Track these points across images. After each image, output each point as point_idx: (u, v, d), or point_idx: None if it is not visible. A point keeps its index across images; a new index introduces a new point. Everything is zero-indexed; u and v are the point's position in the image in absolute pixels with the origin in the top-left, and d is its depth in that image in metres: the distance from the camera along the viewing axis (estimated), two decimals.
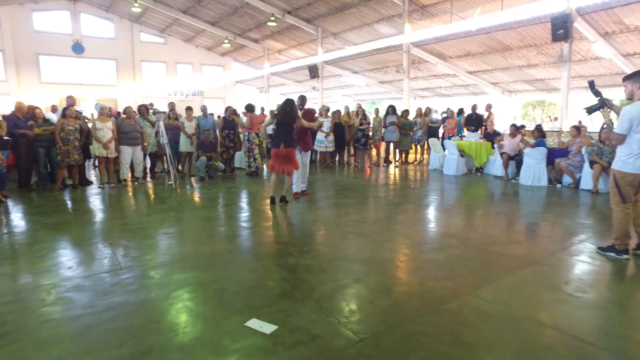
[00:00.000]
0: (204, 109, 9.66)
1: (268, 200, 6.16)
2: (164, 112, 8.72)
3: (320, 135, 10.53)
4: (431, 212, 5.86)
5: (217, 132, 9.71)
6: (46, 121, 7.61)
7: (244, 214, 5.72)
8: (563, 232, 4.68)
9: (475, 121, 11.17)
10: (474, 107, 11.29)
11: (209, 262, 3.65)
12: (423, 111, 11.66)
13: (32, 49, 21.26)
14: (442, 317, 2.62)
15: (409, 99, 15.34)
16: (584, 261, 3.66)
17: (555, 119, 15.15)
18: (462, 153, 9.59)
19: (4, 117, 7.28)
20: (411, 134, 11.43)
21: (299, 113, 6.50)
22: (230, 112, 9.43)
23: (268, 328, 2.46)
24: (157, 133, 8.45)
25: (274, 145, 5.97)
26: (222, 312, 2.70)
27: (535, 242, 4.34)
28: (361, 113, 10.76)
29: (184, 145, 9.19)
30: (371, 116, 11.68)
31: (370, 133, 11.06)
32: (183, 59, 25.43)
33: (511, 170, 8.59)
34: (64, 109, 7.65)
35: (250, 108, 9.36)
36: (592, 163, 7.00)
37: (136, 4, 18.40)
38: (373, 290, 3.07)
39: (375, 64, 19.19)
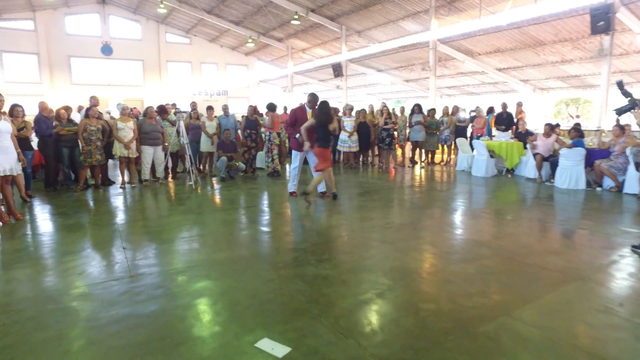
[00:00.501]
0: (225, 108, 9.56)
1: (287, 203, 6.02)
2: (184, 112, 8.66)
3: (343, 135, 10.27)
4: (460, 217, 5.51)
5: (239, 132, 9.61)
6: (70, 121, 7.66)
7: (263, 217, 5.53)
8: (608, 242, 4.25)
9: (505, 120, 10.66)
10: (504, 106, 10.78)
11: (223, 271, 3.46)
12: (450, 110, 11.22)
13: (64, 51, 21.88)
14: (476, 343, 2.32)
15: (435, 97, 14.87)
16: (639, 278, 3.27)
17: (578, 116, 14.28)
18: (491, 154, 9.13)
19: (35, 118, 7.34)
20: (438, 133, 11.02)
21: (309, 112, 6.50)
22: (252, 111, 9.26)
23: (280, 350, 2.23)
24: (178, 133, 8.39)
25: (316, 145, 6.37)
26: (232, 329, 2.49)
27: (577, 254, 3.94)
28: (386, 112, 10.43)
29: (205, 145, 9.11)
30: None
31: (396, 133, 10.72)
32: (208, 59, 25.63)
33: (545, 172, 8.09)
34: (87, 109, 7.68)
35: (271, 107, 9.19)
36: (637, 165, 6.46)
37: (162, 5, 18.61)
38: (398, 307, 2.79)
39: (400, 62, 18.74)
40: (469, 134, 11.32)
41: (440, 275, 3.35)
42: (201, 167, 9.58)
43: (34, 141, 7.50)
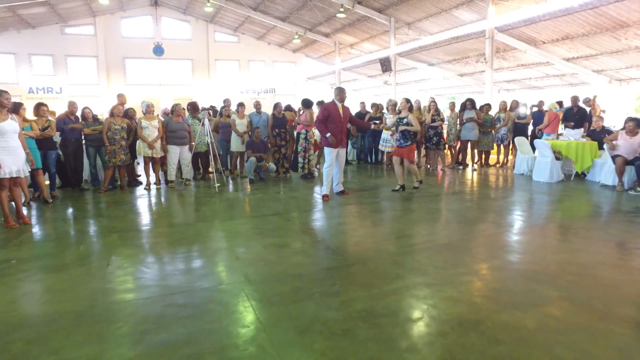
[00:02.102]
0: (257, 104, 9.01)
1: (314, 212, 5.30)
2: (208, 109, 8.20)
3: (385, 134, 9.35)
4: (516, 237, 4.45)
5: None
6: (96, 120, 7.47)
7: (279, 229, 4.80)
8: None
9: (576, 116, 9.21)
10: (574, 100, 9.33)
11: (198, 307, 2.74)
12: (508, 105, 9.90)
13: (120, 53, 22.77)
14: None
15: (492, 92, 13.45)
16: None
17: (603, 111, 11.90)
18: (557, 155, 7.79)
19: (58, 117, 7.26)
20: (493, 131, 9.76)
21: (340, 107, 6.23)
22: (280, 109, 8.63)
23: None
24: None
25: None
26: None
27: None
28: (433, 108, 9.37)
29: (235, 144, 8.61)
30: (445, 112, 10.20)
31: (445, 131, 9.62)
32: (255, 57, 25.55)
33: (628, 178, 6.69)
34: (112, 108, 7.43)
35: (307, 104, 8.48)
36: None
37: (208, 4, 18.61)
38: None
39: (454, 55, 17.32)
40: (529, 133, 9.94)
41: (484, 329, 2.42)
42: (231, 168, 9.10)
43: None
